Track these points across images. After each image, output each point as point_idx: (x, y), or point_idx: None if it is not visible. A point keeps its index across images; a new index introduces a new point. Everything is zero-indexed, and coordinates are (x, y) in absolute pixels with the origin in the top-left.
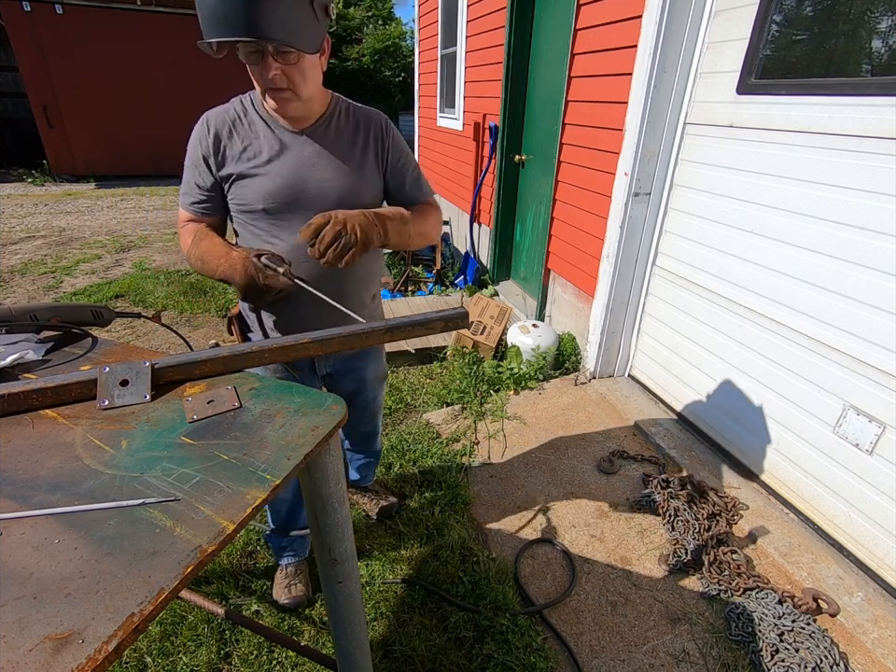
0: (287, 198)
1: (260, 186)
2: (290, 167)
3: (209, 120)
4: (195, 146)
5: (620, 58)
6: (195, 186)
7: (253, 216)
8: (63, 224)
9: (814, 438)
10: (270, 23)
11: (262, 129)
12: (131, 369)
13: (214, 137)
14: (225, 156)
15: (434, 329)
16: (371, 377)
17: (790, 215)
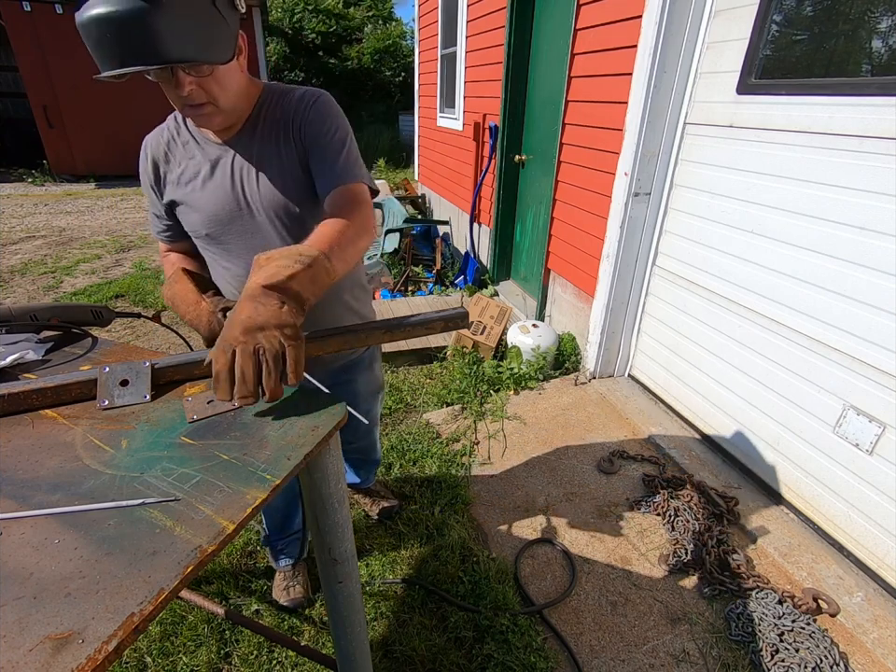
0: (226, 219)
1: (199, 210)
2: (222, 185)
3: (147, 147)
4: (142, 175)
5: (620, 58)
6: (154, 217)
7: (202, 241)
8: (63, 224)
9: (814, 438)
10: (172, 44)
11: (194, 147)
12: (131, 369)
13: (153, 164)
14: (165, 182)
15: (434, 329)
16: (363, 391)
17: (790, 215)
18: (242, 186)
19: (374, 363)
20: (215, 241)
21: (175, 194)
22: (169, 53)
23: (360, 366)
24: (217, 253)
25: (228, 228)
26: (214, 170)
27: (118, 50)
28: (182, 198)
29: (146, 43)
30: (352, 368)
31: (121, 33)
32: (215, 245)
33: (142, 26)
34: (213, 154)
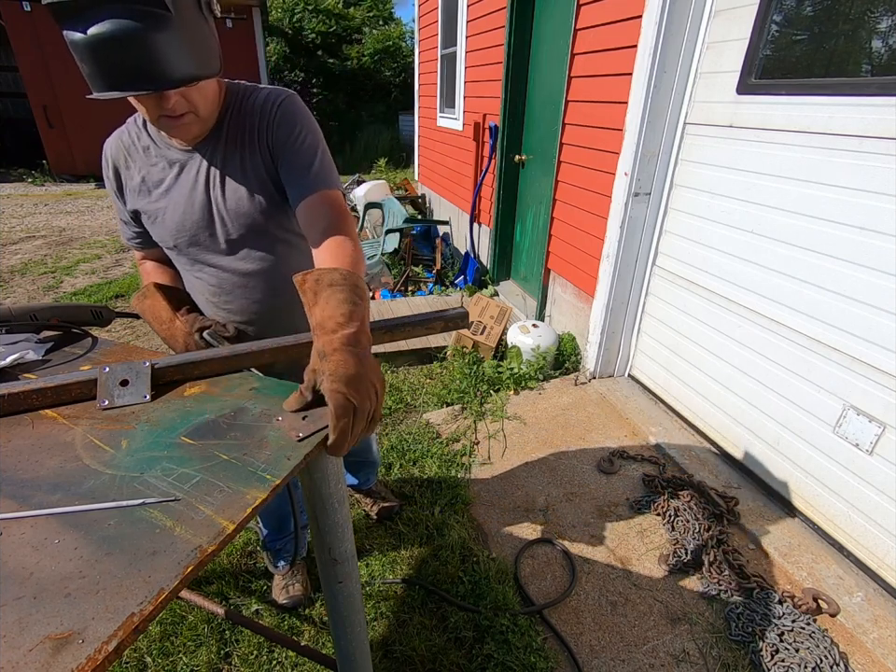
0: (193, 229)
1: (165, 220)
2: (188, 193)
3: (107, 150)
4: (105, 181)
5: (620, 58)
6: (122, 222)
7: (171, 252)
8: (63, 224)
9: (814, 438)
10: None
11: (156, 153)
12: (131, 369)
13: (114, 171)
14: (127, 191)
15: (434, 329)
16: None
17: (790, 215)
18: (207, 194)
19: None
20: (182, 252)
21: (138, 203)
22: (173, 75)
23: None
24: (186, 263)
25: (195, 238)
26: (178, 177)
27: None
28: (145, 207)
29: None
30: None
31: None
32: (184, 255)
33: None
34: (177, 160)
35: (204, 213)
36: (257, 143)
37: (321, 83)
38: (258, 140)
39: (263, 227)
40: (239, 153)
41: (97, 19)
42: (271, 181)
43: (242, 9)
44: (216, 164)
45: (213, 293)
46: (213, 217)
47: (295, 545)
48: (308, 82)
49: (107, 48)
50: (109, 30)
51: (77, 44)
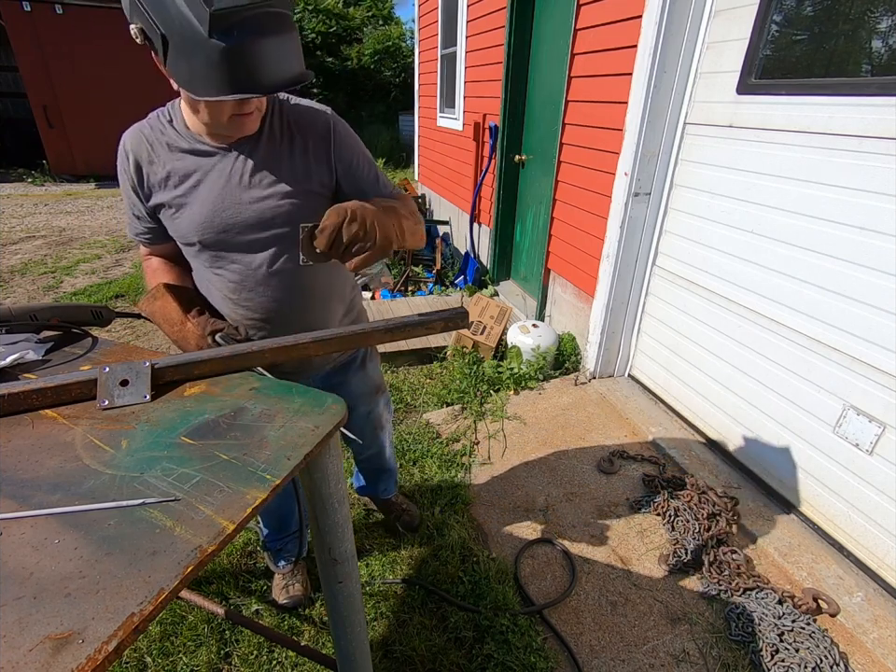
0: (222, 226)
1: (192, 216)
2: (220, 191)
3: (126, 143)
4: (121, 174)
5: (620, 58)
6: (134, 217)
7: (192, 248)
8: (63, 224)
9: (814, 438)
10: (300, 63)
11: (185, 149)
12: (131, 369)
13: (134, 165)
14: (150, 185)
15: (434, 329)
16: (357, 392)
17: (790, 215)
18: (242, 190)
19: (368, 363)
20: (207, 248)
21: (162, 197)
22: (291, 74)
23: (352, 366)
24: (207, 260)
25: (223, 234)
26: (210, 172)
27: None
28: (171, 201)
29: (289, 69)
30: (344, 369)
31: (271, 61)
32: (206, 251)
33: (290, 54)
34: (209, 156)
35: (237, 209)
36: (312, 149)
37: (321, 83)
38: (314, 148)
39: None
40: (287, 149)
41: (255, 27)
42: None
43: None
44: (254, 162)
45: (233, 290)
46: (245, 214)
47: (299, 544)
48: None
49: (263, 54)
50: (273, 41)
51: (234, 50)
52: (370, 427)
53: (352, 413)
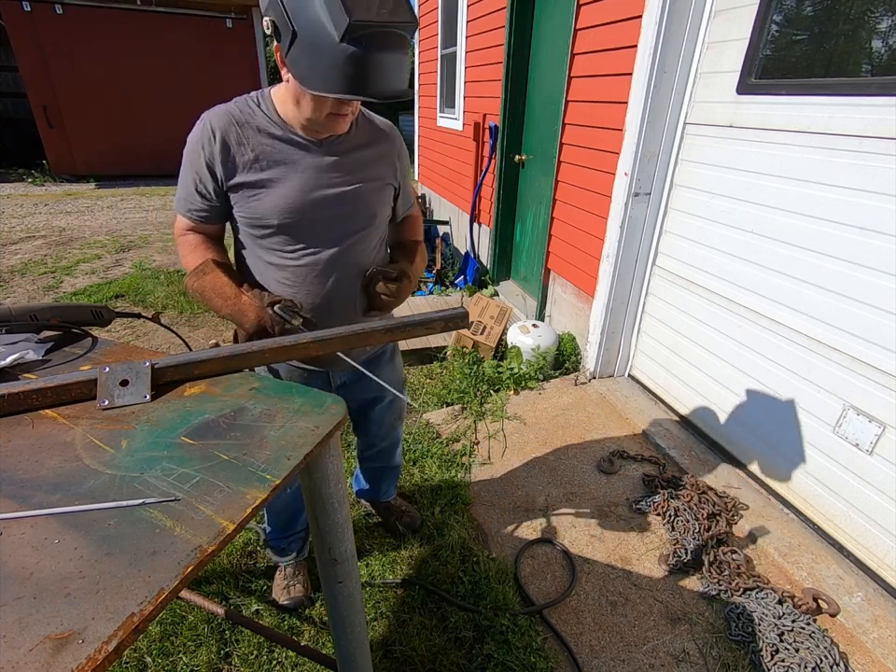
0: (303, 213)
1: (275, 199)
2: (307, 178)
3: (213, 122)
4: (196, 151)
5: (620, 58)
6: (196, 193)
7: (263, 230)
8: (63, 224)
9: (814, 438)
10: (405, 81)
11: (275, 137)
12: (131, 369)
13: (221, 143)
14: (234, 164)
15: (434, 329)
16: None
17: (790, 215)
18: (333, 183)
19: (395, 356)
20: (283, 231)
21: (247, 178)
22: (403, 88)
23: (383, 358)
24: (275, 244)
25: (304, 220)
26: (300, 162)
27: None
28: (255, 182)
29: (399, 81)
30: (376, 360)
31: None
32: (281, 234)
33: (402, 70)
34: (303, 147)
35: (321, 199)
36: (387, 157)
37: None
38: (388, 156)
39: (367, 218)
40: (367, 153)
41: (385, 43)
42: (393, 188)
43: (242, 9)
44: (341, 156)
45: (295, 273)
46: (328, 204)
47: (303, 544)
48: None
49: (382, 64)
50: (392, 57)
51: (361, 57)
52: (390, 417)
53: (377, 404)
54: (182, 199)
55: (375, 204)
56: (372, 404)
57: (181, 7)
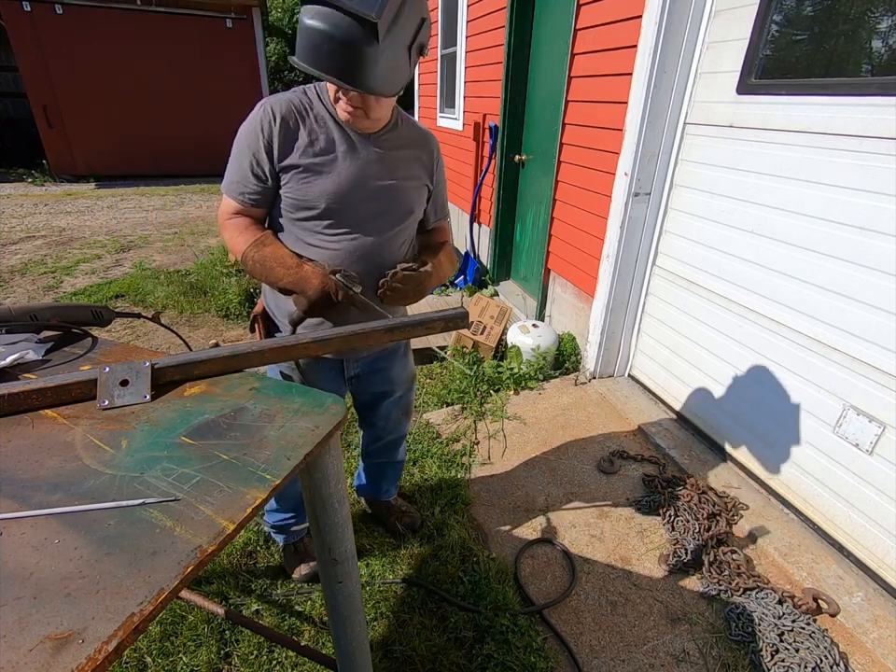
0: (349, 199)
1: (326, 184)
2: (356, 168)
3: (273, 107)
4: (255, 133)
5: (620, 58)
6: (251, 175)
7: (308, 212)
8: (63, 224)
9: (814, 438)
10: (369, 75)
11: (331, 124)
12: (131, 369)
13: (281, 124)
14: (291, 146)
15: (434, 329)
16: (398, 378)
17: (790, 215)
18: (377, 175)
19: (408, 352)
20: (327, 215)
21: (302, 160)
22: (364, 82)
23: (396, 354)
24: (317, 228)
25: (348, 206)
26: (350, 151)
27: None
28: (309, 164)
29: (343, 65)
30: (390, 356)
31: (329, 48)
32: (324, 219)
33: (346, 54)
34: (354, 138)
35: (366, 187)
36: (425, 162)
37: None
38: (426, 161)
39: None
40: (411, 160)
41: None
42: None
43: (242, 9)
44: (390, 157)
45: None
46: (373, 194)
47: None
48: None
49: (323, 36)
50: (330, 26)
51: (307, 24)
52: (398, 412)
53: (388, 397)
54: (235, 182)
55: (413, 201)
56: (382, 398)
57: (181, 7)
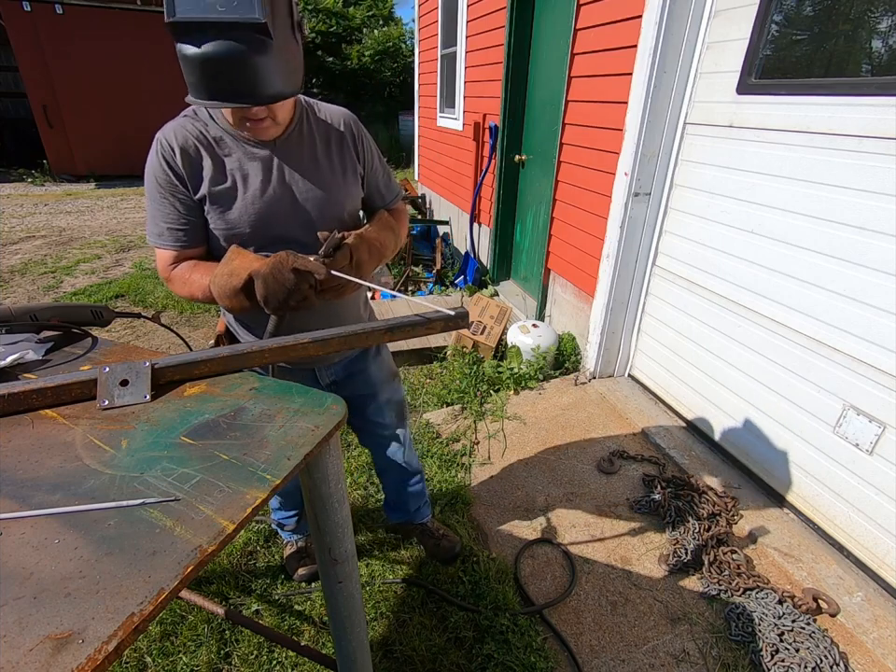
0: (274, 215)
1: (244, 206)
2: (267, 183)
3: (168, 139)
4: (162, 171)
5: (620, 58)
6: (175, 212)
7: (238, 238)
8: (63, 224)
9: (814, 438)
10: (269, 84)
11: (232, 144)
12: (131, 369)
13: (182, 156)
14: (199, 176)
15: (434, 329)
16: (377, 377)
17: (789, 215)
18: (296, 183)
19: (382, 348)
20: (254, 236)
21: (213, 188)
22: (267, 93)
23: (369, 353)
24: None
25: (272, 222)
26: (261, 168)
27: (218, 88)
28: (223, 192)
29: (248, 85)
30: (363, 357)
31: (227, 74)
32: (252, 240)
33: (247, 71)
34: (257, 153)
35: (285, 198)
36: (346, 148)
37: (321, 83)
38: (347, 147)
39: (336, 214)
40: (322, 148)
41: (210, 38)
42: (353, 182)
43: None
44: (300, 159)
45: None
46: (290, 202)
47: None
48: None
49: (216, 64)
50: (220, 50)
51: (189, 57)
52: (390, 415)
53: (373, 399)
54: (162, 229)
55: (341, 196)
56: (367, 401)
57: None
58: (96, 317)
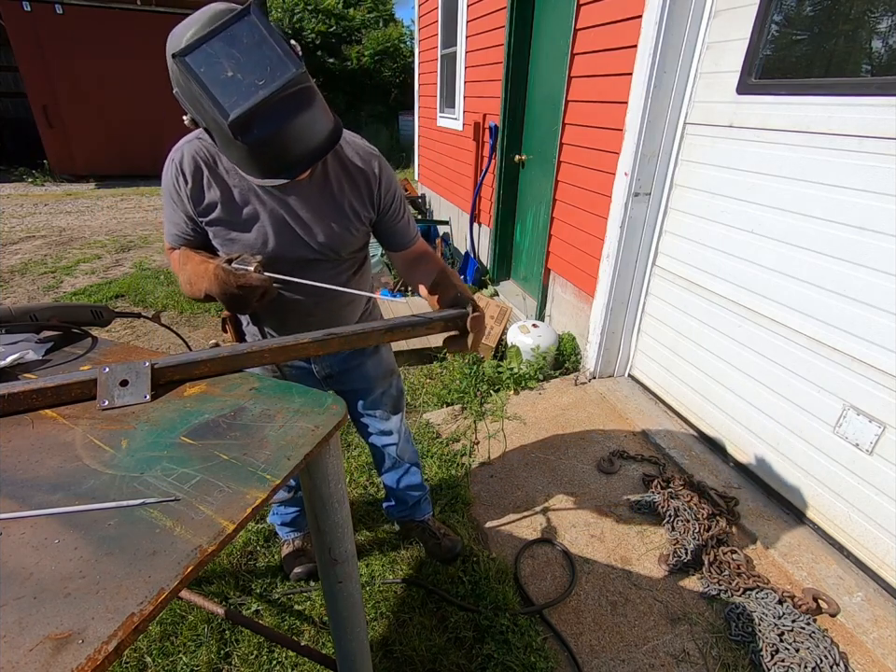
0: (279, 251)
1: (249, 239)
2: (275, 218)
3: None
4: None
5: (620, 58)
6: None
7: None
8: (63, 224)
9: (814, 438)
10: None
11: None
12: (131, 369)
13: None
14: (207, 203)
15: (434, 329)
16: (373, 374)
17: (789, 214)
18: (304, 220)
19: (379, 349)
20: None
21: (221, 215)
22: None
23: (366, 351)
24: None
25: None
26: (265, 201)
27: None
28: (230, 222)
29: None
30: (360, 352)
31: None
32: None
33: (314, 125)
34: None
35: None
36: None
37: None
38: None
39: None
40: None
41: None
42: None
43: None
44: (306, 193)
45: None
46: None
47: None
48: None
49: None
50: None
51: (263, 139)
52: (384, 409)
53: (369, 394)
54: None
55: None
56: (362, 395)
57: (182, 7)
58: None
